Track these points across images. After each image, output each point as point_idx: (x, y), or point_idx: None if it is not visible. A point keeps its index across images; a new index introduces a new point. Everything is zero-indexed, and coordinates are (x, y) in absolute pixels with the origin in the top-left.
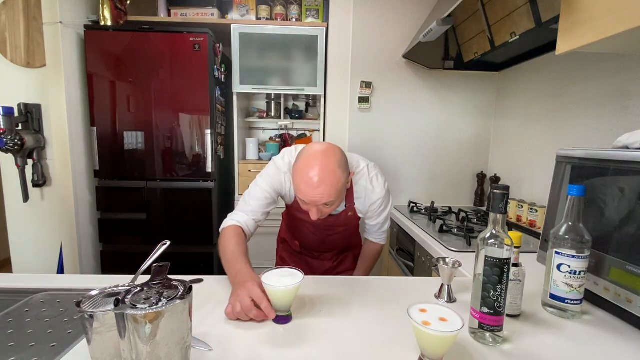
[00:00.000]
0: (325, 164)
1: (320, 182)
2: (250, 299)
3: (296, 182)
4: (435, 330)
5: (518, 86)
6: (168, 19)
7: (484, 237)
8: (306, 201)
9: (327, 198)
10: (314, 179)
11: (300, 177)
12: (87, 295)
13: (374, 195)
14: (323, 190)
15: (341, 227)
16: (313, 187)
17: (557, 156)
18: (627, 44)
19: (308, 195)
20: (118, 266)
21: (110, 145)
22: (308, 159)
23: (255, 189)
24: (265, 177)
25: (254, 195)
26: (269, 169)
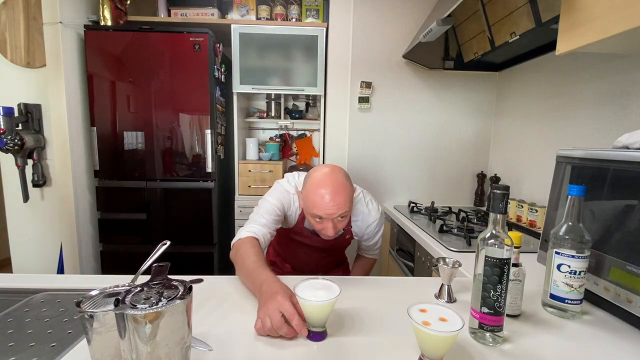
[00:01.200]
0: (335, 178)
1: (335, 194)
2: (281, 314)
3: (311, 200)
4: (435, 330)
5: (518, 86)
6: (168, 19)
7: (484, 237)
8: (324, 215)
9: (343, 209)
10: (329, 192)
11: (315, 194)
12: (87, 295)
13: (370, 218)
14: (339, 201)
15: (337, 249)
16: (330, 199)
17: (557, 156)
18: (627, 44)
19: (325, 209)
20: (118, 266)
21: (110, 145)
22: (318, 178)
23: (265, 203)
24: (273, 194)
25: (265, 209)
26: (276, 189)
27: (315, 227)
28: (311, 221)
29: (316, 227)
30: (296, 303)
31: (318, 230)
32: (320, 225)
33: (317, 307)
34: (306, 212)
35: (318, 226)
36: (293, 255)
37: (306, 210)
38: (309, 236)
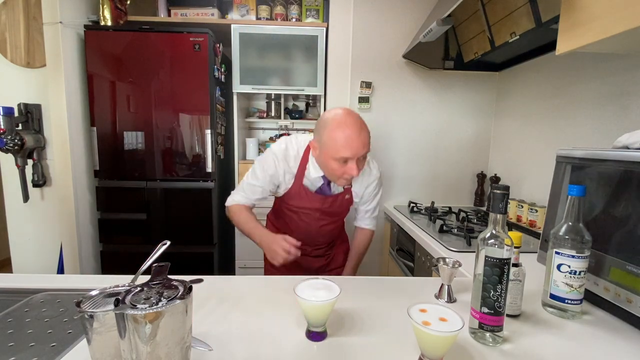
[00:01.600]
0: (354, 117)
1: (360, 131)
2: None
3: (336, 143)
4: (435, 330)
5: (518, 86)
6: (168, 19)
7: (484, 237)
8: (351, 155)
9: (368, 145)
10: (355, 131)
11: (340, 136)
12: (87, 295)
13: (370, 177)
14: (364, 138)
15: (336, 214)
16: (357, 137)
17: (557, 156)
18: (627, 44)
19: (353, 148)
20: (118, 266)
21: (110, 145)
22: (338, 120)
23: (252, 174)
24: (261, 163)
25: (249, 182)
26: (267, 158)
27: (336, 173)
28: (331, 167)
29: (337, 173)
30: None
31: (339, 175)
32: (343, 168)
33: (317, 307)
34: (327, 159)
35: (339, 170)
36: (292, 226)
37: (328, 156)
38: (309, 196)
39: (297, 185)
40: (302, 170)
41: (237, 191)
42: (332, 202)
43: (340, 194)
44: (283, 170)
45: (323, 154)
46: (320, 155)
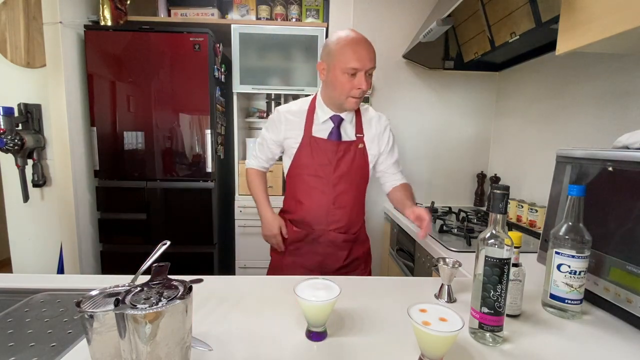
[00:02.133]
0: (361, 33)
1: (368, 44)
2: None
3: (346, 53)
4: (435, 330)
5: (518, 86)
6: (168, 19)
7: (484, 237)
8: (360, 67)
9: (374, 61)
10: (363, 42)
11: (350, 46)
12: (87, 295)
13: (381, 122)
14: (372, 52)
15: (352, 177)
16: (365, 48)
17: (557, 156)
18: (627, 44)
19: (362, 57)
20: (118, 266)
21: (110, 145)
22: (346, 34)
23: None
24: (266, 125)
25: (260, 144)
26: (271, 116)
27: (345, 88)
28: (340, 82)
29: (346, 88)
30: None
31: (348, 91)
32: (351, 82)
33: (317, 307)
34: (335, 75)
35: (348, 85)
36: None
37: (337, 70)
38: (320, 145)
39: (307, 137)
40: (310, 119)
41: (252, 154)
42: (345, 150)
43: (353, 142)
44: (286, 127)
45: (332, 69)
46: (329, 73)
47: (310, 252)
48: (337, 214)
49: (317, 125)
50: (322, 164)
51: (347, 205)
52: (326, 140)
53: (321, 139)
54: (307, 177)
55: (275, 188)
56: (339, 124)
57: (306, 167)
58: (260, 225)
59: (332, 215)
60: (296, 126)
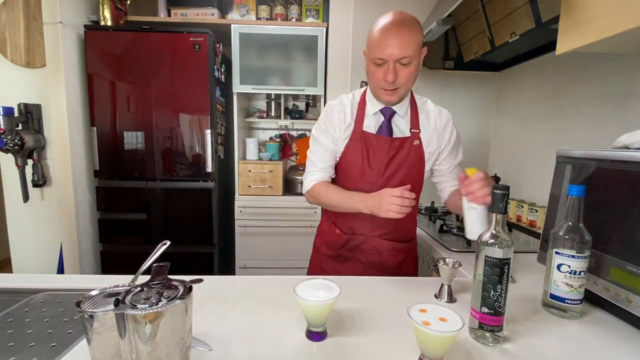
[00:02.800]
0: (402, 16)
1: (399, 28)
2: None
3: (373, 41)
4: (435, 330)
5: (518, 86)
6: (168, 19)
7: (484, 237)
8: (385, 57)
9: (405, 48)
10: (392, 27)
11: (376, 31)
12: (87, 295)
13: (442, 117)
14: (404, 37)
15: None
16: (392, 34)
17: (557, 156)
18: (627, 44)
19: (387, 45)
20: (118, 266)
21: (110, 145)
22: (383, 17)
23: (315, 145)
24: (318, 127)
25: (315, 153)
26: (321, 115)
27: (374, 78)
28: (370, 72)
29: (375, 78)
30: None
31: (377, 82)
32: (381, 72)
33: (317, 307)
34: (367, 64)
35: (377, 75)
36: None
37: (367, 59)
38: (371, 141)
39: (357, 131)
40: (362, 112)
41: (308, 173)
42: (398, 147)
43: (407, 139)
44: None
45: (366, 59)
46: (366, 62)
47: (353, 258)
48: (383, 218)
49: (368, 118)
50: (372, 161)
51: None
52: (377, 135)
53: (371, 134)
54: (354, 174)
55: (274, 188)
56: (390, 118)
57: (353, 164)
58: None
59: (378, 219)
60: (348, 119)
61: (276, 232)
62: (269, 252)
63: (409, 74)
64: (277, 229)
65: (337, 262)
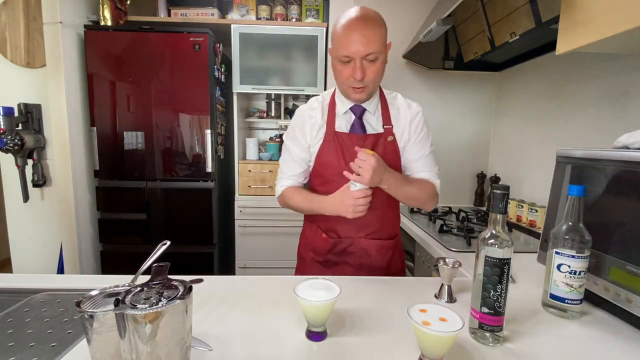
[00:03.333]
0: (365, 9)
1: (363, 24)
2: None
3: (337, 38)
4: (435, 330)
5: (518, 86)
6: (168, 19)
7: (484, 237)
8: (351, 54)
9: (371, 44)
10: (356, 23)
11: (340, 28)
12: (87, 295)
13: (412, 110)
14: (368, 34)
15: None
16: (356, 30)
17: (557, 156)
18: (627, 44)
19: (352, 41)
20: (118, 266)
21: (110, 145)
22: (347, 13)
23: (285, 153)
24: (288, 134)
25: (285, 161)
26: (292, 120)
27: (341, 77)
28: (337, 70)
29: (343, 77)
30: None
31: (344, 80)
32: (347, 70)
33: (317, 307)
34: (334, 64)
35: (345, 73)
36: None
37: (334, 56)
38: (345, 141)
39: (330, 132)
40: (332, 112)
41: (278, 179)
42: (373, 144)
43: (381, 135)
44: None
45: (332, 55)
46: (332, 61)
47: (341, 262)
48: (368, 217)
49: (339, 118)
50: (349, 160)
51: (379, 206)
52: (349, 134)
53: (344, 134)
54: (332, 176)
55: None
56: (361, 115)
57: (330, 167)
58: None
59: (362, 219)
60: (319, 122)
61: (276, 232)
62: (269, 252)
63: (376, 70)
64: (277, 229)
65: (326, 268)
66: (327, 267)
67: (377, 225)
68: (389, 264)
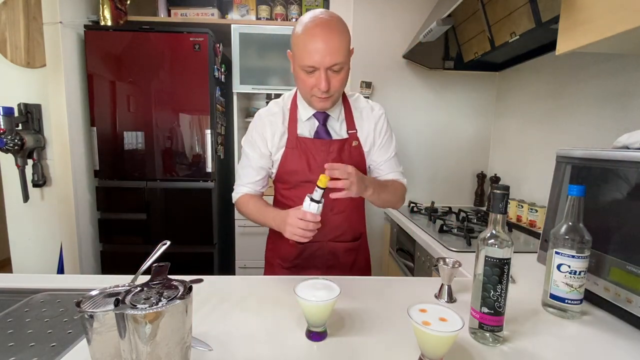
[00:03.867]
0: (327, 16)
1: (329, 33)
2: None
3: (300, 47)
4: (435, 330)
5: (518, 86)
6: (168, 19)
7: (484, 237)
8: (316, 64)
9: (336, 55)
10: (321, 33)
11: (304, 37)
12: (87, 295)
13: (374, 113)
14: (334, 43)
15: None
16: (322, 40)
17: (557, 156)
18: (627, 44)
19: (317, 52)
20: (118, 266)
21: (110, 145)
22: (309, 19)
23: (243, 159)
24: (247, 139)
25: (243, 166)
26: (251, 126)
27: (306, 86)
28: (301, 79)
29: (307, 86)
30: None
31: (309, 90)
32: (312, 79)
33: (317, 307)
34: (296, 70)
35: (308, 83)
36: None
37: (296, 65)
38: (309, 146)
39: (292, 138)
40: (294, 117)
41: (236, 184)
42: (338, 150)
43: (345, 140)
44: (272, 129)
45: (294, 64)
46: (294, 66)
47: (310, 266)
48: (336, 220)
49: (302, 123)
50: (313, 166)
51: (346, 208)
52: (313, 139)
53: (308, 139)
54: (298, 183)
55: None
56: (325, 121)
57: (295, 173)
58: None
59: (331, 223)
60: (280, 128)
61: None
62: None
63: (341, 79)
64: None
65: (293, 273)
66: (295, 272)
67: (344, 227)
68: (353, 264)
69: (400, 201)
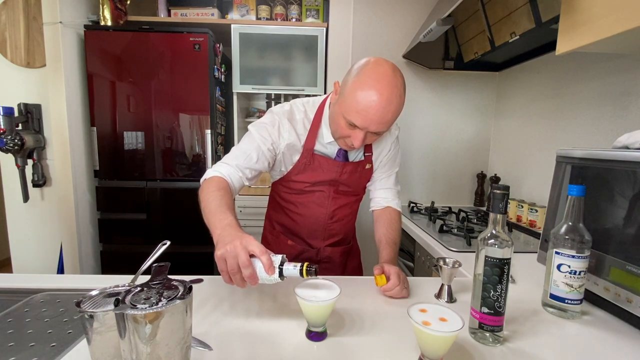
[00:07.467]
0: (395, 83)
1: (387, 103)
2: (247, 254)
3: (353, 101)
4: (435, 330)
5: (518, 86)
6: (168, 19)
7: (484, 237)
8: (360, 124)
9: (387, 124)
10: (380, 100)
11: (362, 96)
12: (87, 295)
13: (391, 133)
14: (387, 114)
15: (352, 193)
16: (378, 108)
17: (557, 156)
18: (627, 44)
19: (368, 117)
20: (118, 266)
21: (110, 145)
22: (371, 74)
23: (245, 140)
24: (258, 126)
25: (242, 148)
26: (264, 118)
27: (339, 131)
28: (337, 122)
29: (341, 132)
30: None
31: (341, 135)
32: (347, 132)
33: (317, 307)
34: (337, 113)
35: (344, 131)
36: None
37: (340, 110)
38: (322, 164)
39: (308, 154)
40: (314, 134)
41: (222, 161)
42: (351, 171)
43: (360, 163)
44: (287, 135)
45: (338, 104)
46: (336, 103)
47: None
48: (335, 227)
49: (321, 141)
50: (322, 182)
51: (345, 217)
52: (328, 160)
53: (323, 158)
54: (304, 188)
55: None
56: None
57: (301, 184)
58: None
59: (330, 229)
60: (294, 139)
61: None
62: None
63: (375, 138)
64: None
65: None
66: None
67: (342, 234)
68: (346, 264)
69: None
